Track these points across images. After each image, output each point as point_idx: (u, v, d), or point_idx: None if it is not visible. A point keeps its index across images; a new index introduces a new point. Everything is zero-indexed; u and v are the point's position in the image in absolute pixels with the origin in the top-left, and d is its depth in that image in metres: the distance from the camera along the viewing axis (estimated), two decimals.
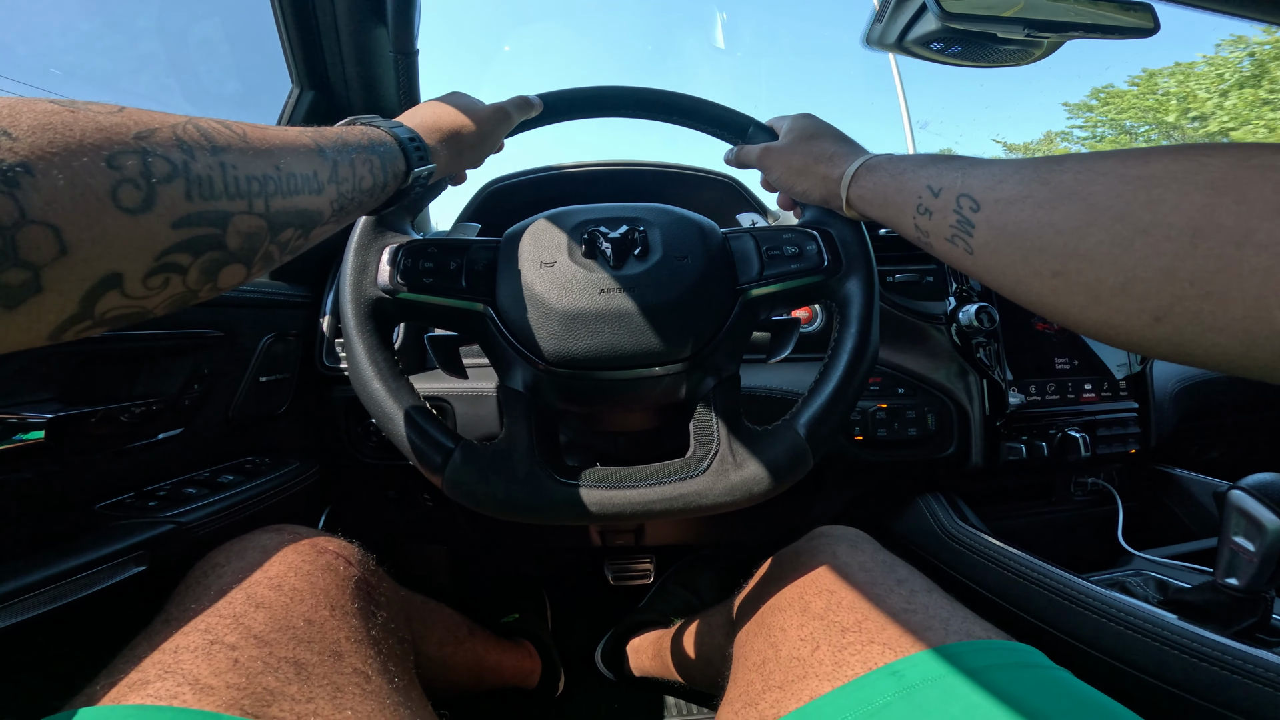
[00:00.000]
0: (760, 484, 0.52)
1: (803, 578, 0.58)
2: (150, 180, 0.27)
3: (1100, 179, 0.30)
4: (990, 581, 0.74)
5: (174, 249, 0.28)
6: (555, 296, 0.52)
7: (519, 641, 1.08)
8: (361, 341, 0.53)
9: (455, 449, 0.51)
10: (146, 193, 0.27)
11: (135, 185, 0.26)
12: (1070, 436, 0.87)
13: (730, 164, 0.67)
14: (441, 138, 0.52)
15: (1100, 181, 0.30)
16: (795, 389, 0.85)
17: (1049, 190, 0.33)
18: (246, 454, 0.82)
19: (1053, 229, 0.32)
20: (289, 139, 0.36)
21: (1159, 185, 0.27)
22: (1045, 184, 0.33)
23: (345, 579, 0.56)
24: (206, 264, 0.30)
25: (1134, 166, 0.29)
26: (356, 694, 0.46)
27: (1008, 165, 0.37)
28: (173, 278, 0.29)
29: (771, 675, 0.50)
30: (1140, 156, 0.29)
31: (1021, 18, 0.67)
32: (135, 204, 0.26)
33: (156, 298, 0.29)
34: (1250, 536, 0.60)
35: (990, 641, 0.46)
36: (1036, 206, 0.33)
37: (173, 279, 0.29)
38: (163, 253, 0.28)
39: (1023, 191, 0.34)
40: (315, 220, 0.37)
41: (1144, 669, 0.57)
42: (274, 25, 0.84)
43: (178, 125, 0.29)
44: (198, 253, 0.30)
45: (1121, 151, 0.31)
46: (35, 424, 0.54)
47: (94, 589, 0.54)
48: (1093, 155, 0.32)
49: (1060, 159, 0.34)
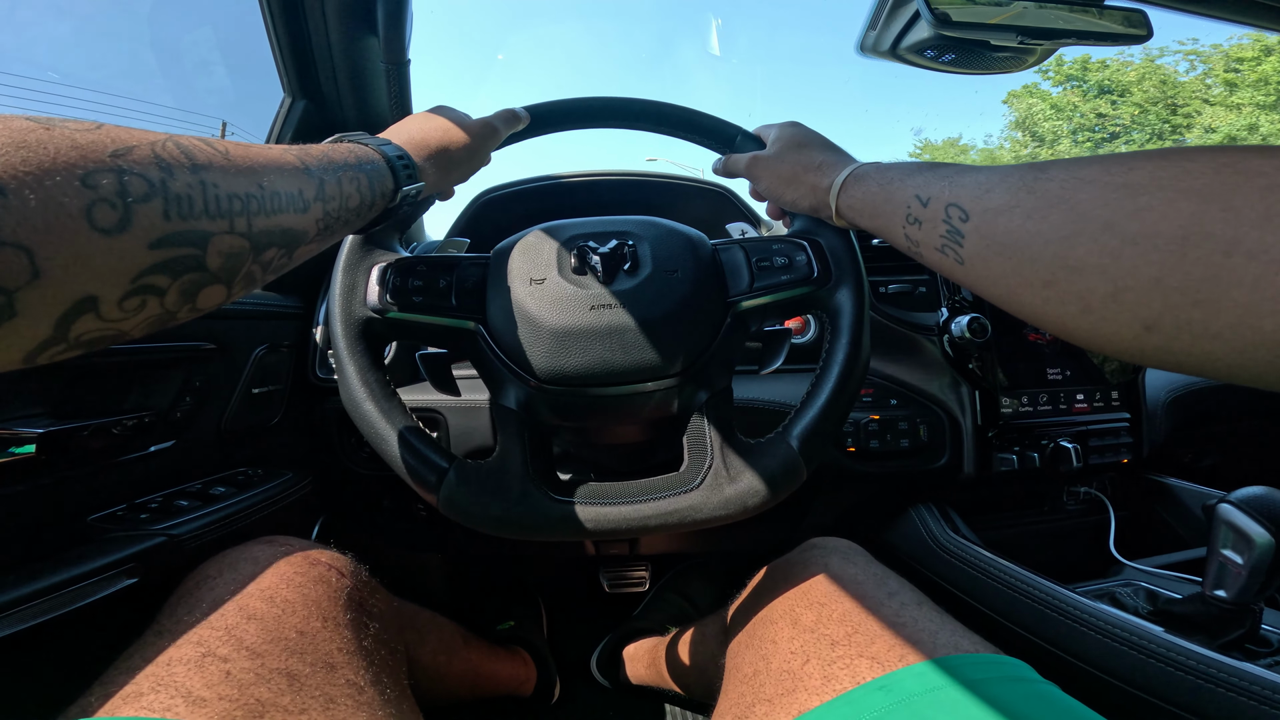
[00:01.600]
0: (755, 497, 0.52)
1: (794, 590, 0.58)
2: (127, 199, 0.26)
3: (1086, 186, 0.30)
4: (980, 593, 0.74)
5: (151, 270, 0.28)
6: (546, 314, 0.52)
7: (514, 649, 1.08)
8: (353, 362, 0.53)
9: (449, 468, 0.51)
10: (123, 213, 0.26)
11: (111, 205, 0.25)
12: (1062, 447, 0.87)
13: (718, 174, 0.67)
14: (429, 154, 0.52)
15: (1086, 189, 0.30)
16: (788, 400, 0.85)
17: (1036, 199, 0.32)
18: (239, 465, 0.82)
19: (1042, 239, 0.32)
20: (273, 157, 0.35)
21: (1145, 192, 0.27)
22: (1032, 193, 0.33)
23: (338, 590, 0.56)
24: (186, 285, 0.30)
25: (1118, 173, 0.29)
26: (349, 705, 0.46)
27: (994, 173, 0.36)
28: (150, 300, 0.28)
29: (762, 688, 0.50)
30: (1124, 162, 0.29)
31: (1014, 25, 0.67)
32: (111, 224, 0.25)
33: (133, 320, 0.28)
34: (1239, 550, 0.60)
35: (978, 655, 0.46)
36: (1025, 216, 0.33)
37: (150, 301, 0.28)
38: (139, 274, 0.27)
39: (1010, 200, 0.34)
40: (299, 240, 0.37)
41: (1129, 680, 0.57)
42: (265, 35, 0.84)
43: (157, 143, 0.28)
44: (176, 274, 0.29)
45: (1105, 157, 0.31)
46: (27, 438, 0.54)
47: (86, 601, 0.54)
48: (1078, 161, 0.32)
49: (1045, 165, 0.33)
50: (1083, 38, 0.69)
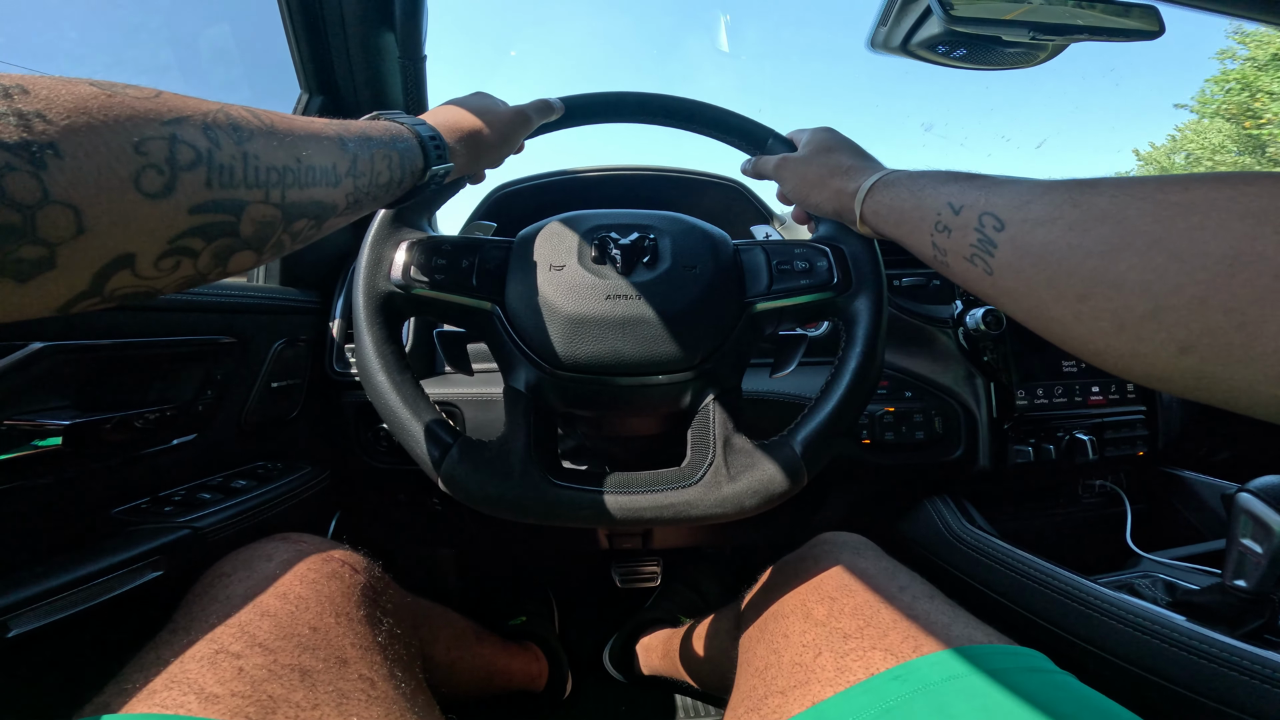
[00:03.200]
0: (751, 499, 0.52)
1: (805, 584, 0.58)
2: (174, 166, 0.27)
3: (1137, 203, 0.29)
4: (998, 584, 0.74)
5: (188, 233, 0.29)
6: (563, 300, 0.53)
7: (526, 644, 1.08)
8: (370, 334, 0.54)
9: (454, 444, 0.52)
10: (169, 178, 0.27)
11: (159, 170, 0.27)
12: (1078, 439, 0.87)
13: (747, 174, 0.67)
14: (461, 137, 0.52)
15: (1136, 206, 0.29)
16: (800, 394, 0.85)
17: (1080, 212, 0.32)
18: (258, 459, 0.83)
19: (1083, 251, 0.31)
20: (315, 130, 0.37)
21: (1198, 212, 0.27)
22: (1077, 206, 0.32)
23: (351, 586, 0.56)
24: (219, 249, 0.31)
25: (1173, 193, 0.28)
26: (362, 700, 0.47)
27: (1035, 186, 0.36)
28: (184, 261, 0.30)
29: (774, 680, 0.51)
30: (1180, 183, 0.29)
31: (1026, 20, 0.67)
32: (156, 189, 0.27)
33: (166, 279, 0.30)
34: (1258, 539, 0.60)
35: (992, 646, 0.46)
36: (1067, 228, 0.32)
37: (184, 262, 0.30)
38: (177, 237, 0.28)
39: (1052, 213, 0.33)
40: (329, 212, 0.38)
41: (1151, 670, 0.57)
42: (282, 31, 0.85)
43: (209, 113, 0.30)
44: (211, 238, 0.30)
45: (1161, 177, 0.30)
46: (53, 430, 0.55)
47: (112, 594, 0.55)
48: (1130, 180, 0.31)
49: (1095, 182, 0.33)
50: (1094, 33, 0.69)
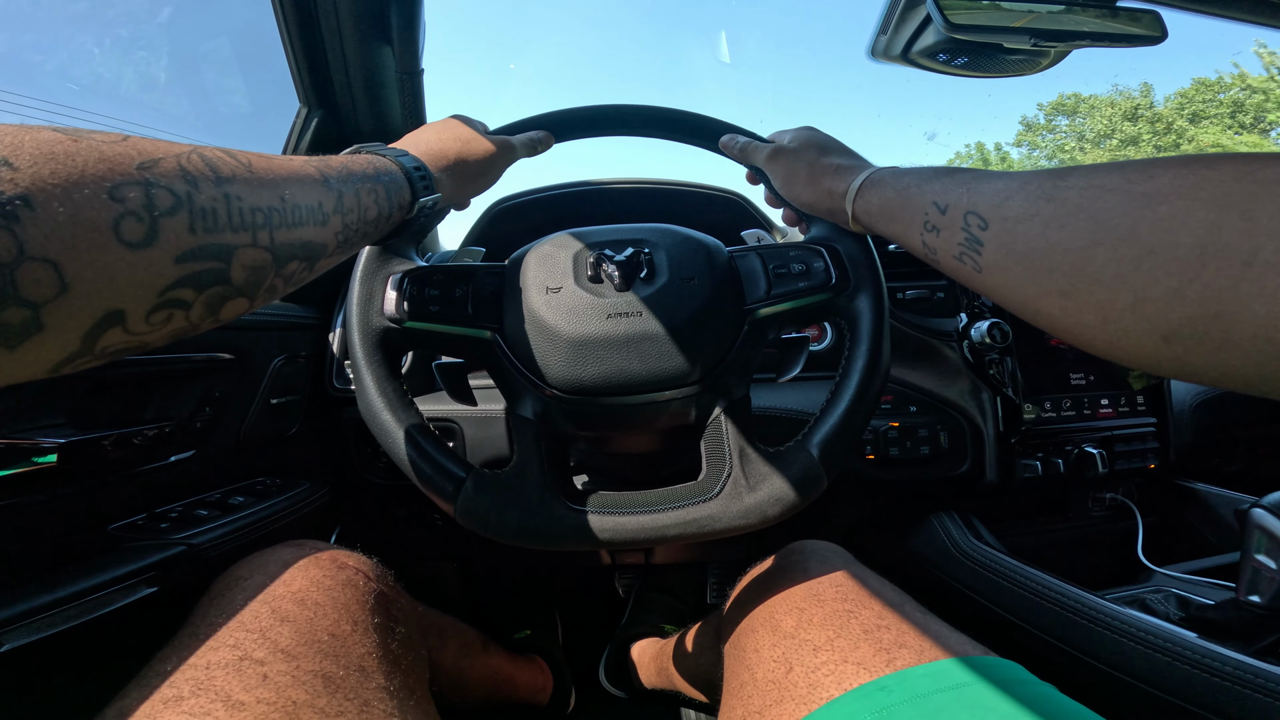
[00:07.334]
0: (774, 506, 0.51)
1: (774, 596, 0.57)
2: (153, 213, 0.26)
3: (1106, 195, 0.30)
4: (1007, 601, 0.73)
5: (177, 284, 0.27)
6: (562, 323, 0.52)
7: (531, 658, 1.08)
8: (370, 373, 0.53)
9: (467, 478, 0.51)
10: (149, 226, 0.26)
11: (138, 218, 0.25)
12: (1087, 453, 0.85)
13: (733, 158, 0.66)
14: (445, 166, 0.52)
15: (1106, 198, 0.30)
16: (806, 409, 0.84)
17: (1055, 208, 0.32)
18: (257, 475, 0.83)
19: (1061, 248, 0.31)
20: (294, 169, 0.35)
21: (1164, 201, 0.27)
22: (1051, 201, 0.32)
23: (365, 594, 0.56)
24: (210, 299, 0.30)
25: (1138, 181, 0.29)
26: (381, 711, 0.46)
27: (1013, 180, 0.36)
28: (175, 313, 0.28)
29: (750, 700, 0.50)
30: (1144, 169, 0.29)
31: (1028, 27, 0.66)
32: (138, 238, 0.25)
33: (158, 332, 0.28)
34: (1272, 554, 0.59)
35: (970, 659, 0.45)
36: (1045, 225, 0.32)
37: (175, 314, 0.28)
38: (166, 288, 0.27)
39: (1030, 209, 0.33)
40: (320, 252, 0.37)
41: (1165, 688, 0.56)
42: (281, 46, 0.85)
43: (182, 155, 0.28)
44: (201, 288, 0.29)
45: (1126, 164, 0.30)
46: (49, 448, 0.55)
47: (106, 610, 0.54)
48: (1098, 168, 0.32)
49: (1065, 172, 0.33)
50: (1097, 40, 0.68)
